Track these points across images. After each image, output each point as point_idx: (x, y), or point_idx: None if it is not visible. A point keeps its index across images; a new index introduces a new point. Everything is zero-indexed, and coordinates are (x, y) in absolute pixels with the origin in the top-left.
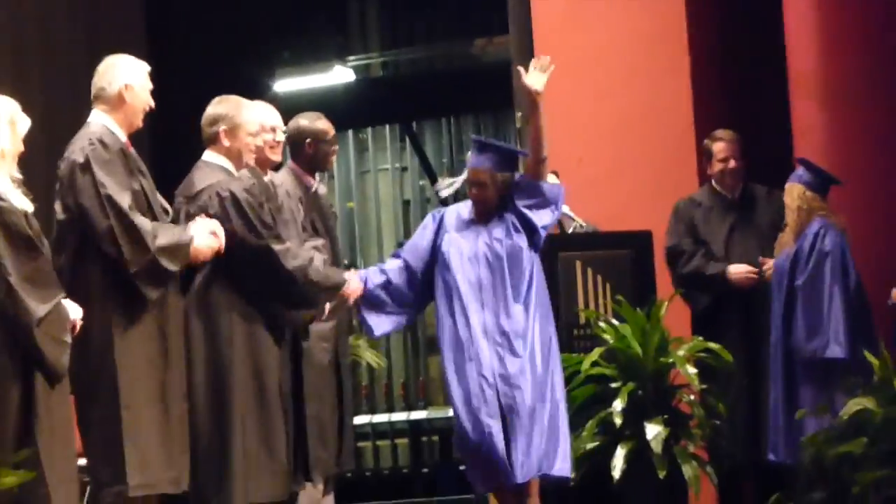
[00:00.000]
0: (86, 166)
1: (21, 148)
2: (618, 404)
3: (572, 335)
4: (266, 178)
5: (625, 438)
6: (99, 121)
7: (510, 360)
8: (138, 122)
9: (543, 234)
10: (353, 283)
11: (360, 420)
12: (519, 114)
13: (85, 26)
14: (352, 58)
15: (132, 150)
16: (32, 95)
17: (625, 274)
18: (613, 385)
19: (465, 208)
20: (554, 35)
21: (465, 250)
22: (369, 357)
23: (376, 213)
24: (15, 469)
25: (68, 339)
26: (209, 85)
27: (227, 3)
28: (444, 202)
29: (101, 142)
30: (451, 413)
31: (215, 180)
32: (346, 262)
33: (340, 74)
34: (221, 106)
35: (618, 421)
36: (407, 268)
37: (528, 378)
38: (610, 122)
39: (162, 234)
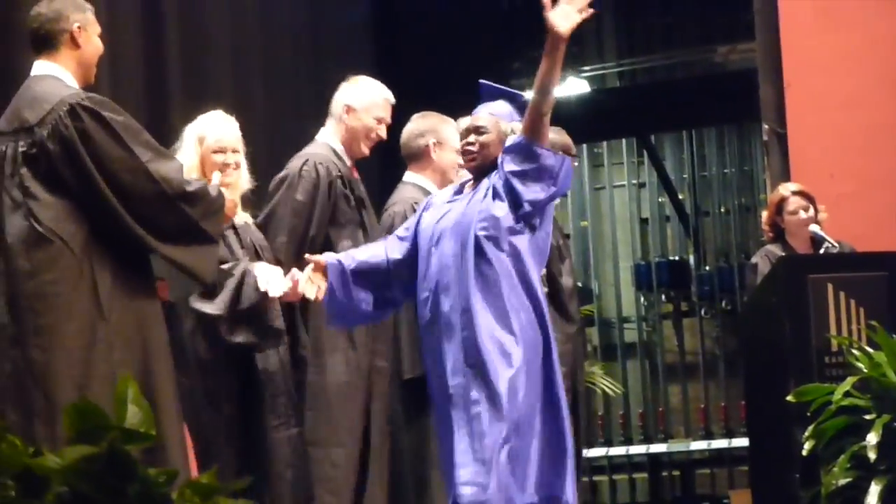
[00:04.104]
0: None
1: (211, 160)
2: (872, 437)
3: (823, 363)
4: None
5: (879, 474)
6: (324, 139)
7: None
8: (359, 149)
9: (529, 209)
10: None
11: (595, 453)
12: (766, 126)
13: (313, 47)
14: (586, 68)
15: (354, 176)
16: (254, 111)
17: (880, 298)
18: (867, 417)
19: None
20: (803, 40)
21: (433, 227)
22: (604, 385)
23: (612, 232)
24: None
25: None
26: (438, 98)
27: (457, 14)
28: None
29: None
30: (693, 446)
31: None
32: (579, 283)
33: (574, 85)
34: (426, 120)
35: (872, 455)
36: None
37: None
38: (864, 133)
39: None
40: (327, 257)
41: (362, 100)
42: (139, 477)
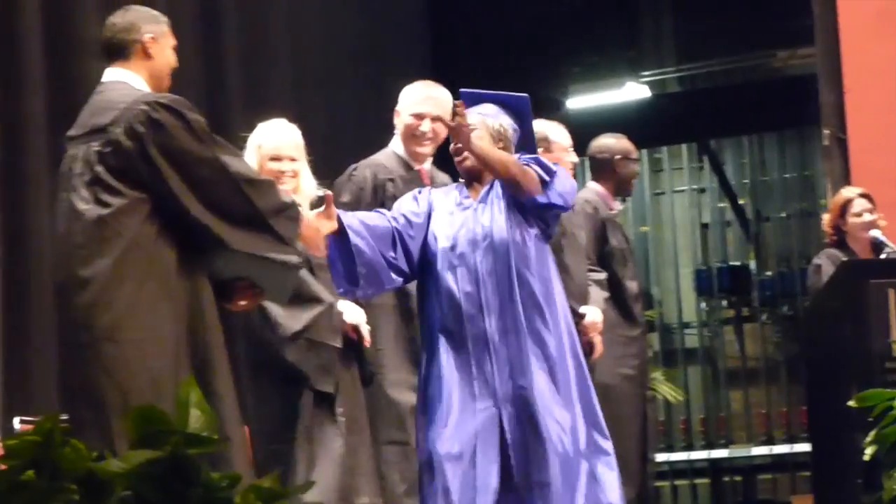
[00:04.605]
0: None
1: (266, 167)
2: None
3: (885, 369)
4: None
5: None
6: (390, 146)
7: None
8: (411, 150)
9: (544, 226)
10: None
11: (657, 458)
12: (826, 131)
13: (370, 48)
14: (645, 73)
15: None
16: (314, 119)
17: None
18: None
19: (454, 190)
20: (863, 44)
21: (454, 235)
22: (665, 390)
23: (672, 237)
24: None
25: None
26: None
27: (515, 21)
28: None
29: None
30: (754, 451)
31: None
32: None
33: (633, 90)
34: None
35: None
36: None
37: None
38: None
39: None
40: (342, 213)
41: (403, 100)
42: (202, 481)
